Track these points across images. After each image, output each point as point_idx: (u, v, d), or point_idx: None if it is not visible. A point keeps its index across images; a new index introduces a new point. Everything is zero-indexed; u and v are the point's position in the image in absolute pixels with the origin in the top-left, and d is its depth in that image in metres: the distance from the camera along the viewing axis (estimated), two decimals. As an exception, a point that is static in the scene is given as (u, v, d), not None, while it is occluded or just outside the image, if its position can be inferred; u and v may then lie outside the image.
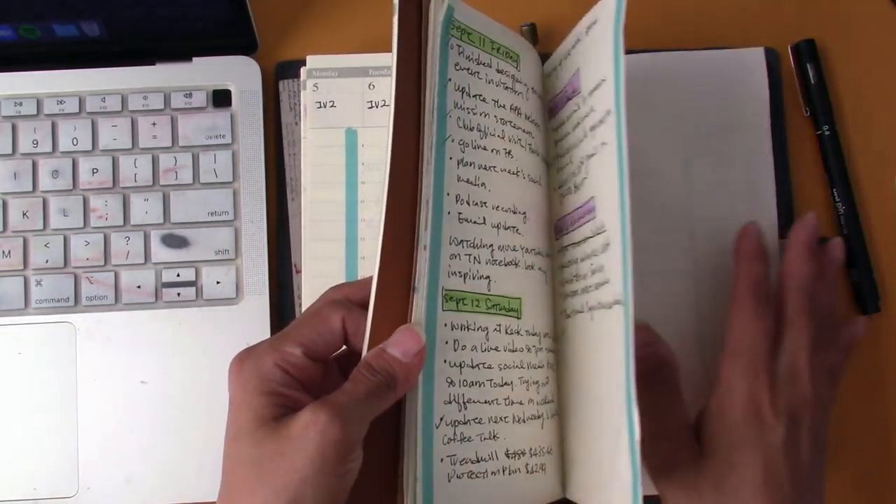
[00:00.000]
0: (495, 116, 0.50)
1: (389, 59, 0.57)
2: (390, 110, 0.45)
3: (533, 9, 0.62)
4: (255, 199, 0.59)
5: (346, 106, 0.59)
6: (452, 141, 0.48)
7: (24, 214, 0.59)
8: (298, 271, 0.59)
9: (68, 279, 0.59)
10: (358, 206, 0.58)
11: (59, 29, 0.58)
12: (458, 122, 0.48)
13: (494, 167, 0.49)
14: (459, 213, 0.47)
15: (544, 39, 0.62)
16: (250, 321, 0.58)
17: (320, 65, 0.59)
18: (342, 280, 0.57)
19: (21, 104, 0.60)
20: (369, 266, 0.57)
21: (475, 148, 0.48)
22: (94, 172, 0.59)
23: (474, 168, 0.48)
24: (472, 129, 0.49)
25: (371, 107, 0.58)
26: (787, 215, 0.60)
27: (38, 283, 0.58)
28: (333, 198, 0.58)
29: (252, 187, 0.59)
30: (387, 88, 0.58)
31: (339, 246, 0.57)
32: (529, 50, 0.54)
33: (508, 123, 0.51)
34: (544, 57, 0.59)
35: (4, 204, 0.59)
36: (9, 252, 0.59)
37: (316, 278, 0.57)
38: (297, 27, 0.62)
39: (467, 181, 0.48)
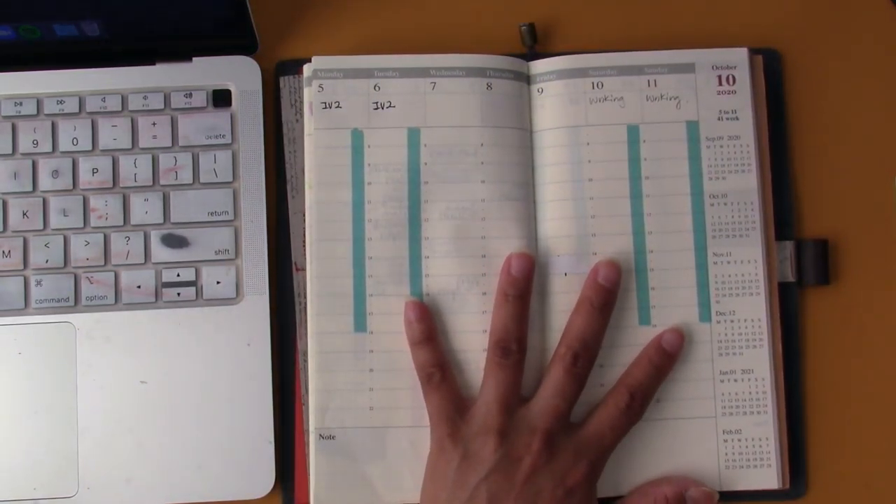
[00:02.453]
0: None
1: (395, 60, 0.58)
2: None
3: (532, 9, 0.62)
4: (255, 199, 0.59)
5: (351, 107, 0.58)
6: None
7: (24, 214, 0.59)
8: (299, 269, 0.59)
9: (68, 279, 0.59)
10: (365, 206, 0.57)
11: (59, 29, 0.58)
12: None
13: None
14: None
15: (543, 39, 0.62)
16: (250, 321, 0.58)
17: (326, 65, 0.59)
18: (349, 280, 0.57)
19: (21, 104, 0.60)
20: (377, 266, 0.57)
21: None
22: (94, 172, 0.59)
23: None
24: None
25: (377, 108, 0.58)
26: (787, 215, 0.60)
27: (38, 283, 0.58)
28: (340, 198, 0.57)
29: (252, 187, 0.59)
30: (393, 90, 0.58)
31: (346, 246, 0.57)
32: None
33: None
34: (543, 56, 0.60)
35: (4, 204, 0.59)
36: (9, 252, 0.59)
37: (323, 278, 0.57)
38: (297, 27, 0.63)
39: None
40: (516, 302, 0.55)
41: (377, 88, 0.58)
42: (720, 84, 0.59)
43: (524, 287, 0.55)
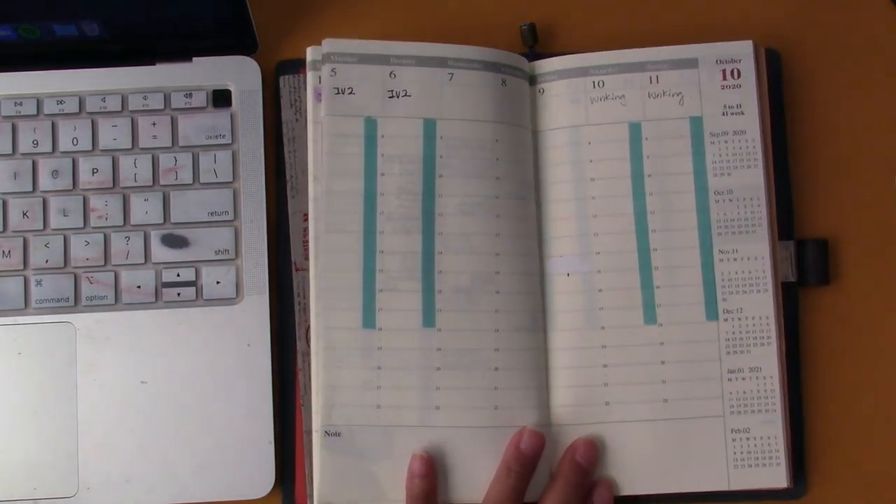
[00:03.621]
0: None
1: (412, 48, 0.57)
2: None
3: (533, 9, 0.62)
4: (255, 199, 0.59)
5: (365, 94, 0.57)
6: None
7: (24, 214, 0.59)
8: (298, 269, 0.58)
9: (68, 279, 0.59)
10: (377, 197, 0.56)
11: (59, 29, 0.58)
12: None
13: None
14: None
15: (544, 39, 0.62)
16: (250, 321, 0.58)
17: (339, 49, 0.57)
18: (358, 274, 0.55)
19: (21, 104, 0.60)
20: (388, 260, 0.56)
21: None
22: (94, 172, 0.59)
23: None
24: None
25: (392, 96, 0.57)
26: (787, 215, 0.60)
27: (38, 283, 0.58)
28: (351, 188, 0.56)
29: (252, 187, 0.59)
30: (409, 78, 0.57)
31: (356, 238, 0.56)
32: None
33: None
34: (543, 56, 0.60)
35: (4, 204, 0.59)
36: (9, 252, 0.59)
37: (331, 272, 0.55)
38: (297, 27, 0.63)
39: None
40: (518, 478, 0.54)
41: (393, 76, 0.57)
42: (724, 78, 0.58)
43: (530, 466, 0.54)
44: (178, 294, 0.58)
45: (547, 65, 0.59)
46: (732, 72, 0.58)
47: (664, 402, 0.56)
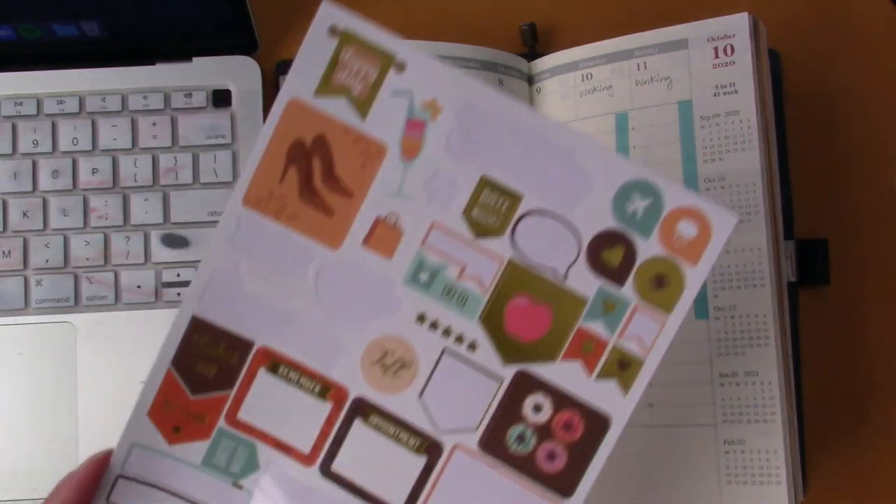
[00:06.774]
0: None
1: (413, 45, 0.55)
2: None
3: (533, 8, 0.62)
4: (255, 199, 0.59)
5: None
6: None
7: (24, 214, 0.59)
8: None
9: (68, 279, 0.59)
10: None
11: (59, 29, 0.58)
12: None
13: None
14: None
15: (544, 39, 0.62)
16: (250, 321, 0.58)
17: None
18: None
19: (21, 104, 0.60)
20: None
21: None
22: (94, 172, 0.59)
23: None
24: None
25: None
26: (787, 215, 0.60)
27: (38, 283, 0.58)
28: None
29: (252, 187, 0.59)
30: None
31: None
32: None
33: None
34: (542, 56, 0.60)
35: (4, 204, 0.59)
36: (9, 252, 0.59)
37: None
38: (297, 27, 0.63)
39: None
40: None
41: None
42: (716, 56, 0.55)
43: None
44: (179, 294, 0.58)
45: (542, 63, 0.59)
46: (725, 48, 0.55)
47: (649, 407, 0.53)
